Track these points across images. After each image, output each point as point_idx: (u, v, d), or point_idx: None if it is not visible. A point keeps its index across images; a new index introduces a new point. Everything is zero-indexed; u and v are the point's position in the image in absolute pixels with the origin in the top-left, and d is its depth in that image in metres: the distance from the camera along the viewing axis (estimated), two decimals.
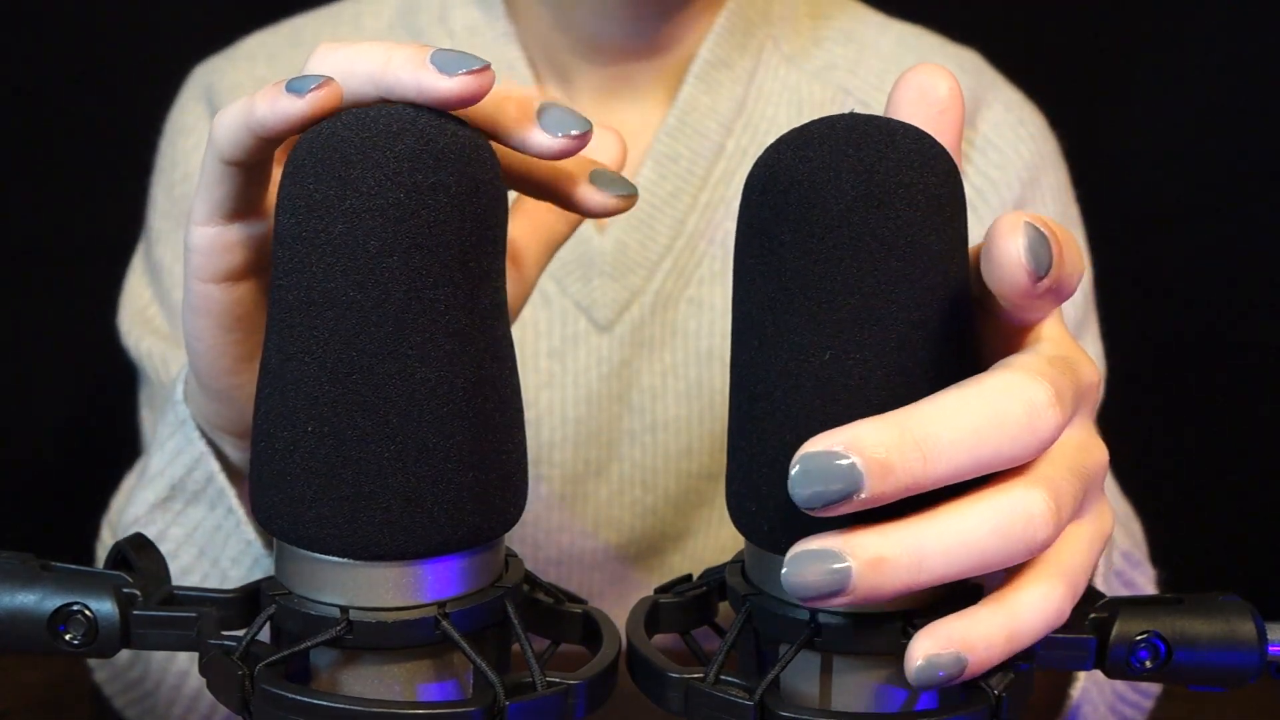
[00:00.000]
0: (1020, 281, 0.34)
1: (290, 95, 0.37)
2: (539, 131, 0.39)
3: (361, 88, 0.38)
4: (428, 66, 0.37)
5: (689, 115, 0.70)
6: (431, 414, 0.36)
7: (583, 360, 0.68)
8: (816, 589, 0.34)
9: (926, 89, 0.40)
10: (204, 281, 0.43)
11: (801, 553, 0.34)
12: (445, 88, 0.37)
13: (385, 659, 0.38)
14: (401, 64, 0.38)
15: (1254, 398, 1.12)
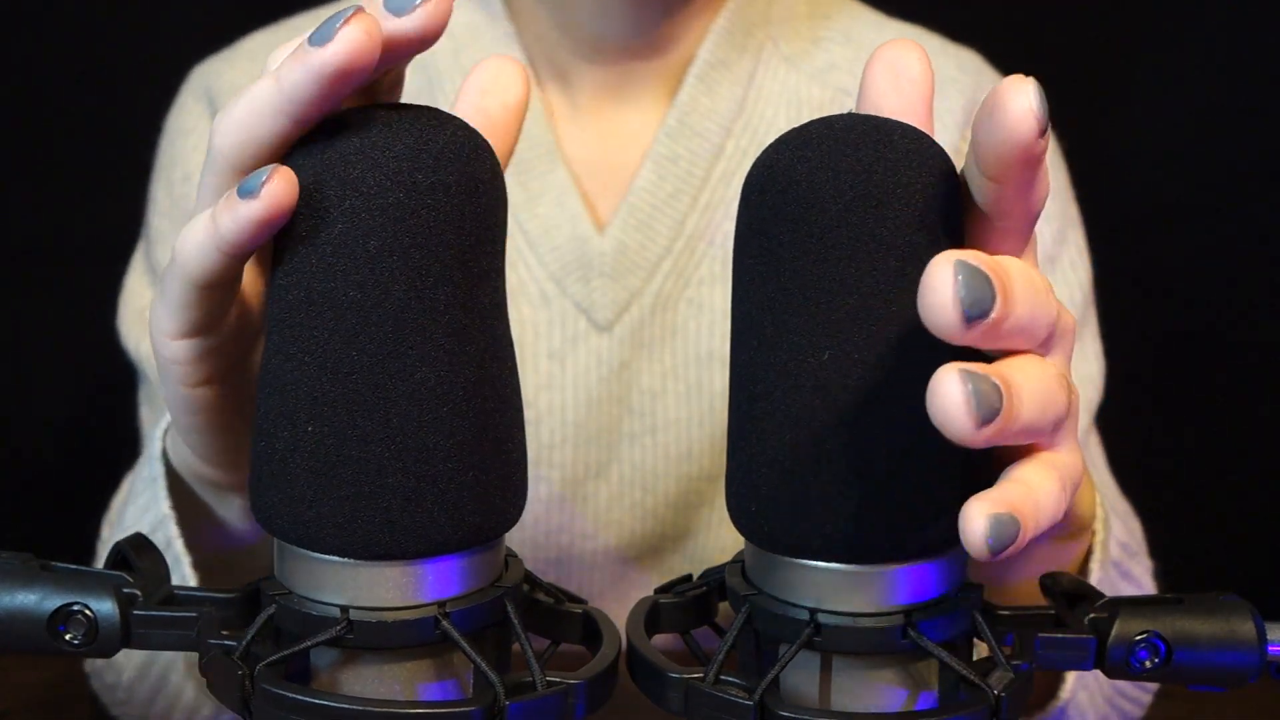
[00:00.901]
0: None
1: (246, 200, 0.36)
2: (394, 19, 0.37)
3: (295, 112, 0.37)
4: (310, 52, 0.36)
5: (689, 116, 0.70)
6: (432, 414, 0.37)
7: (582, 361, 0.68)
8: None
9: (899, 65, 0.39)
10: (189, 387, 0.42)
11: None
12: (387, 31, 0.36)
13: (385, 659, 0.38)
14: (290, 70, 0.36)
15: (1254, 398, 1.12)
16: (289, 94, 0.36)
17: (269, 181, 0.36)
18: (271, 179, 0.36)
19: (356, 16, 0.35)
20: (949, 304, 0.31)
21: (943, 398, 0.31)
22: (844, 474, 0.37)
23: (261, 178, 0.36)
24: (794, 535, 0.38)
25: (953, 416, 0.31)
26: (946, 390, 0.31)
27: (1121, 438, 0.76)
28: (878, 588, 0.38)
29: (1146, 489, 0.73)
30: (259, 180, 0.36)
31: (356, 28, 0.35)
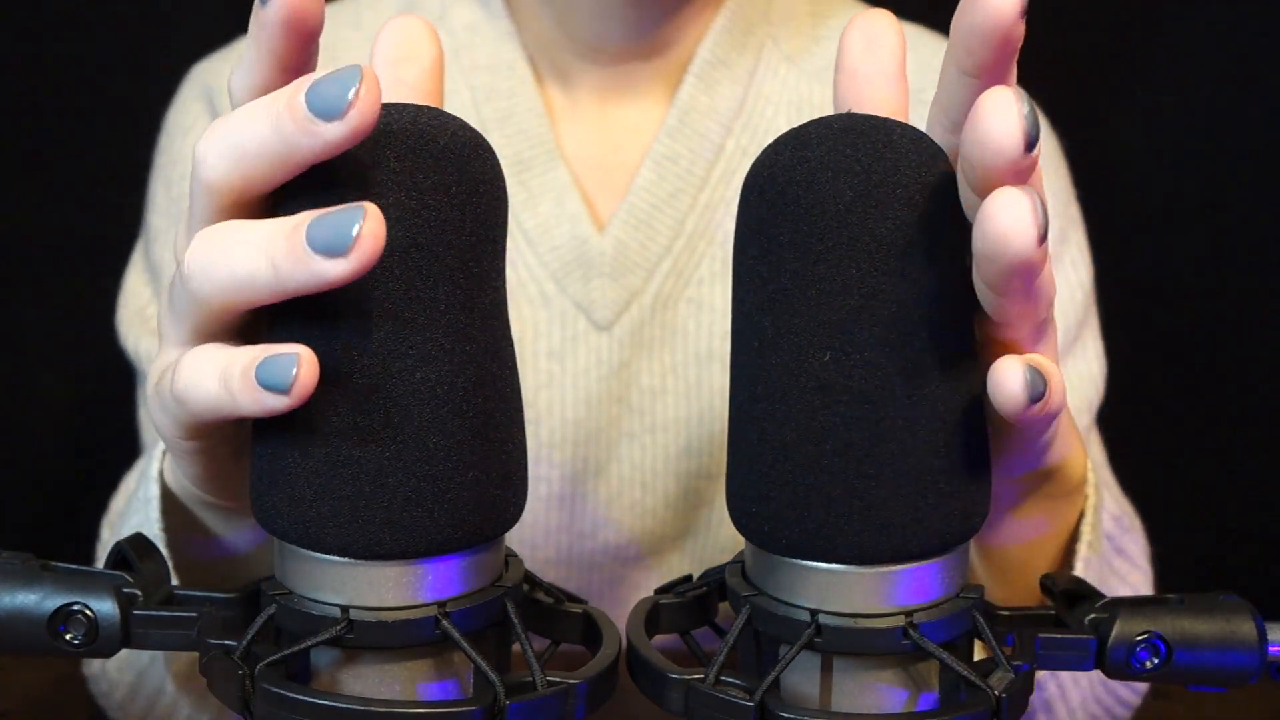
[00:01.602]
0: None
1: (269, 393, 0.35)
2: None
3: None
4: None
5: (689, 115, 0.70)
6: (432, 413, 0.37)
7: (582, 361, 0.68)
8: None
9: (873, 32, 0.41)
10: (190, 448, 0.42)
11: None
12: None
13: (386, 658, 0.38)
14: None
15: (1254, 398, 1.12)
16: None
17: (300, 376, 0.35)
18: (301, 375, 0.35)
19: (366, 85, 0.35)
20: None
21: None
22: (845, 474, 0.37)
23: (289, 376, 0.35)
24: (794, 536, 0.38)
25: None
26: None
27: (1122, 438, 0.76)
28: (878, 588, 0.38)
29: (1146, 489, 0.73)
30: (287, 379, 0.35)
31: (368, 99, 0.35)
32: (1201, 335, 1.10)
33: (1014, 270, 0.35)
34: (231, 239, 0.36)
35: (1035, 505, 0.48)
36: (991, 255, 0.34)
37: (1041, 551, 0.51)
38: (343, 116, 0.34)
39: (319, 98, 0.34)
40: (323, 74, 0.35)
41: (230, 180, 0.37)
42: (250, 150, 0.36)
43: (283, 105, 0.35)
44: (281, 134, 0.35)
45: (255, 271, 0.36)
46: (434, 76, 0.43)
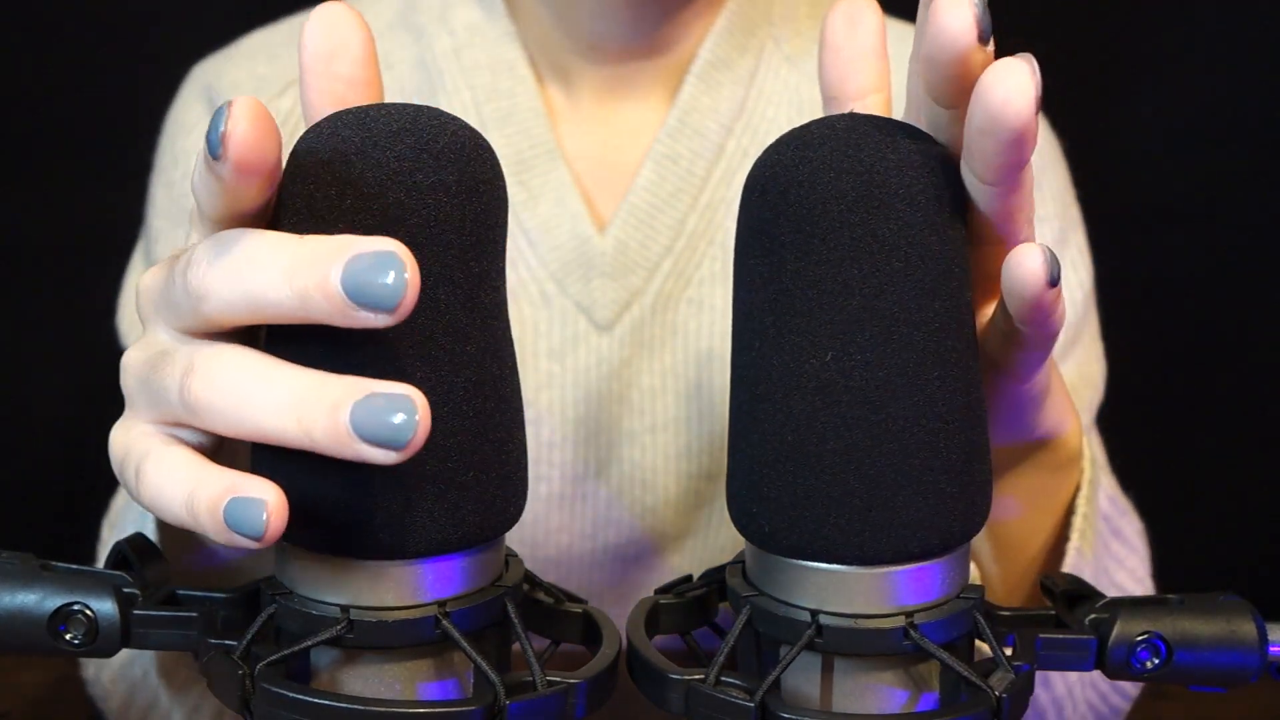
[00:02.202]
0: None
1: (238, 536, 0.35)
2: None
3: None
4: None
5: (689, 116, 0.70)
6: (432, 414, 0.36)
7: (582, 360, 0.68)
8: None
9: (855, 16, 0.43)
10: None
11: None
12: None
13: (386, 658, 0.38)
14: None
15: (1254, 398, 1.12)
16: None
17: (271, 526, 0.35)
18: (270, 523, 0.35)
19: None
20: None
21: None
22: (845, 475, 0.37)
23: (260, 518, 0.35)
24: (795, 536, 0.38)
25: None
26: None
27: (1121, 437, 0.76)
28: (879, 589, 0.38)
29: (1146, 489, 0.73)
30: (252, 525, 0.35)
31: None
32: (1201, 335, 1.11)
33: (1014, 140, 0.35)
34: (251, 388, 0.36)
35: (1033, 476, 0.48)
36: (990, 127, 0.35)
37: (1039, 525, 0.51)
38: (392, 312, 0.33)
39: (361, 293, 0.34)
40: (358, 253, 0.33)
41: (233, 322, 0.37)
42: (267, 308, 0.35)
43: (312, 286, 0.34)
44: (308, 306, 0.34)
45: (282, 430, 0.35)
46: (368, 64, 0.41)
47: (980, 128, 0.35)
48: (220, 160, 0.35)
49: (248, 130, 0.34)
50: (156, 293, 0.39)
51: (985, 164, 0.36)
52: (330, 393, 0.34)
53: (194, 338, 0.38)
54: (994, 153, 0.36)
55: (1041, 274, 0.37)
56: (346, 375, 0.35)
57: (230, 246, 0.36)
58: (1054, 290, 0.37)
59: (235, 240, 0.36)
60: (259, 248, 0.35)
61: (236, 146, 0.34)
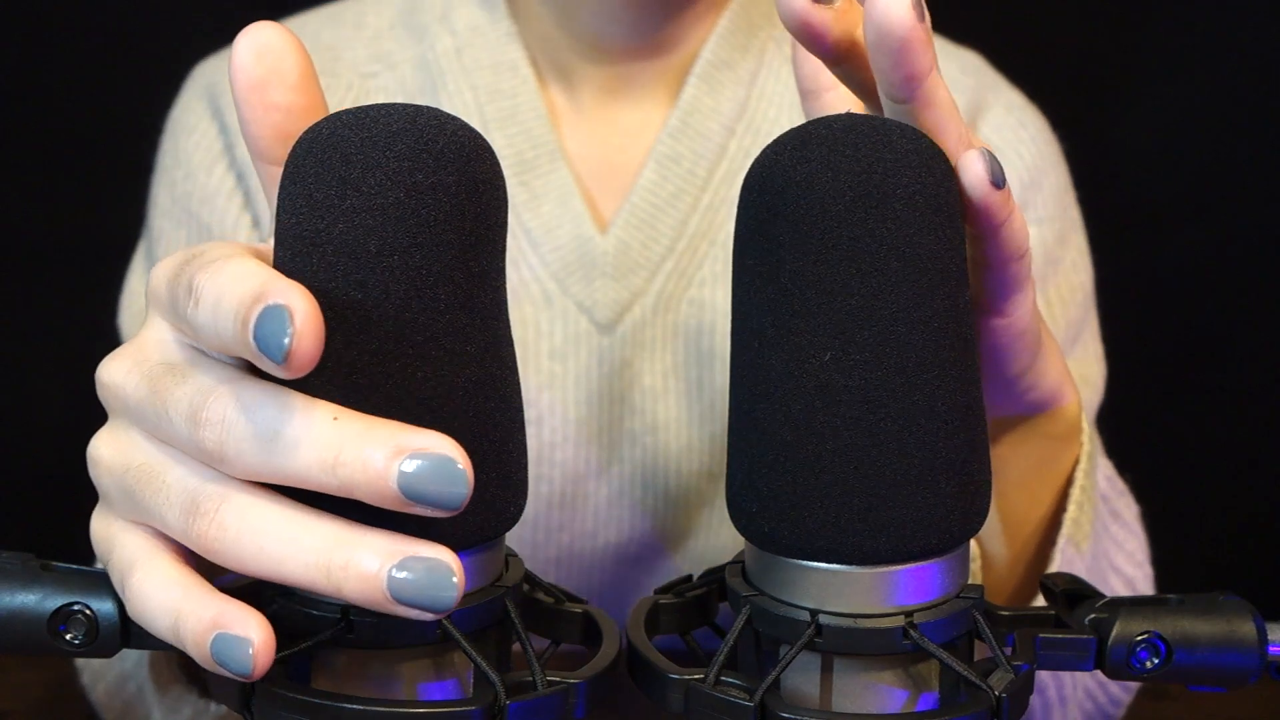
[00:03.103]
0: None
1: (231, 672, 0.34)
2: None
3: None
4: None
5: (691, 116, 0.70)
6: (432, 413, 0.36)
7: (584, 361, 0.68)
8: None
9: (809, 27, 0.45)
10: None
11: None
12: None
13: (386, 658, 0.38)
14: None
15: (1254, 398, 1.12)
16: None
17: (256, 663, 0.34)
18: (257, 660, 0.34)
19: None
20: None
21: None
22: (845, 475, 0.37)
23: (246, 655, 0.34)
24: (795, 536, 0.38)
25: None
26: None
27: (1121, 437, 0.76)
28: (879, 589, 0.38)
29: (1146, 488, 0.73)
30: (239, 663, 0.34)
31: None
32: (1201, 335, 1.11)
33: (902, 47, 0.37)
34: (277, 546, 0.35)
35: (1033, 444, 0.49)
36: (878, 40, 0.37)
37: (1040, 496, 0.51)
38: (452, 511, 0.34)
39: (417, 495, 0.34)
40: (412, 463, 0.33)
41: (252, 477, 0.36)
42: (296, 479, 0.35)
43: (362, 481, 0.34)
44: (350, 489, 0.34)
45: (311, 582, 0.35)
46: (306, 89, 0.38)
47: (874, 45, 0.37)
48: (279, 365, 0.33)
49: (314, 340, 0.33)
50: (135, 406, 0.37)
51: (889, 81, 0.38)
52: (364, 557, 0.34)
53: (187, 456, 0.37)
54: (892, 66, 0.38)
55: (984, 174, 0.38)
56: (379, 530, 0.35)
57: (256, 415, 0.35)
58: (1000, 192, 0.39)
59: (259, 407, 0.35)
60: (293, 423, 0.34)
61: (301, 360, 0.33)
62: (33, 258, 1.06)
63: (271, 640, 0.34)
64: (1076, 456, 0.52)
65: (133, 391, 0.38)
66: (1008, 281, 0.42)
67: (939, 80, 0.39)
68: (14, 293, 1.06)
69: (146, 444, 0.38)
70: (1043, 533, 0.53)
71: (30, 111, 1.05)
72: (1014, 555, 0.53)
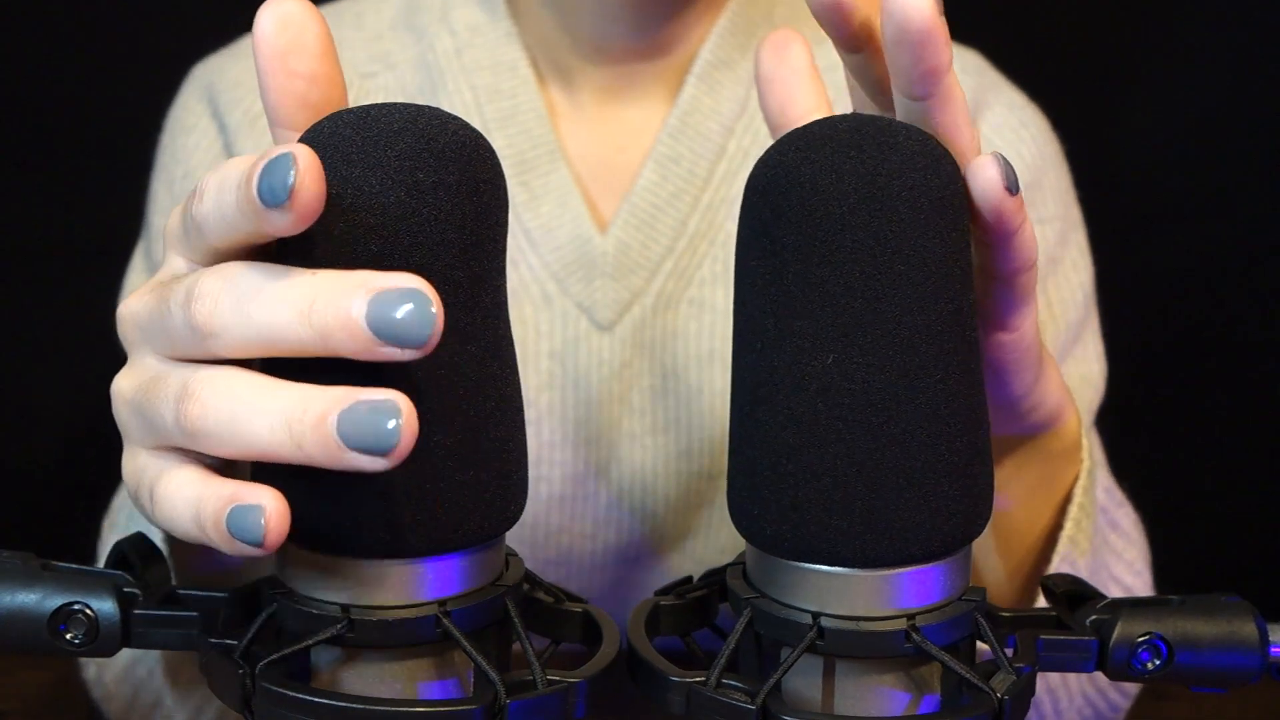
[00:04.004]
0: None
1: (242, 544, 0.35)
2: None
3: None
4: None
5: (691, 116, 0.70)
6: (432, 413, 0.36)
7: (584, 361, 0.68)
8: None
9: (780, 45, 0.46)
10: None
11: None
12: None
13: (386, 657, 0.38)
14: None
15: (1254, 397, 1.12)
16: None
17: (270, 533, 0.35)
18: (270, 528, 0.35)
19: None
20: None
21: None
22: (847, 477, 0.37)
23: (259, 525, 0.35)
24: (796, 538, 0.38)
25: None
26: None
27: (1121, 437, 0.76)
28: (881, 591, 0.38)
29: (1146, 489, 0.73)
30: (257, 535, 0.35)
31: None
32: (1201, 335, 1.10)
33: (921, 41, 0.37)
34: (246, 409, 0.35)
35: (1034, 462, 0.49)
36: (898, 36, 0.37)
37: (1039, 514, 0.51)
38: (421, 347, 0.34)
39: (388, 331, 0.34)
40: (383, 289, 0.34)
41: (243, 355, 0.36)
42: (284, 344, 0.35)
43: (334, 323, 0.34)
44: (329, 343, 0.35)
45: (277, 447, 0.35)
46: (327, 59, 0.40)
47: (893, 40, 0.37)
48: (283, 209, 0.34)
49: (315, 179, 0.34)
50: (145, 320, 0.39)
51: (908, 77, 0.38)
52: (317, 404, 0.34)
53: (186, 362, 0.38)
54: (911, 62, 0.38)
55: (999, 179, 0.38)
56: (336, 385, 0.35)
57: (241, 283, 0.36)
58: (1014, 199, 0.38)
59: (245, 276, 0.36)
60: (273, 284, 0.35)
61: (306, 199, 0.34)
62: (33, 258, 1.06)
63: (285, 511, 0.35)
64: (1076, 473, 0.52)
65: (142, 309, 0.39)
66: (1015, 294, 0.41)
67: (955, 78, 0.39)
68: (14, 293, 1.06)
69: (156, 362, 0.39)
70: (1040, 549, 0.53)
71: (30, 111, 1.04)
72: (1010, 570, 0.53)
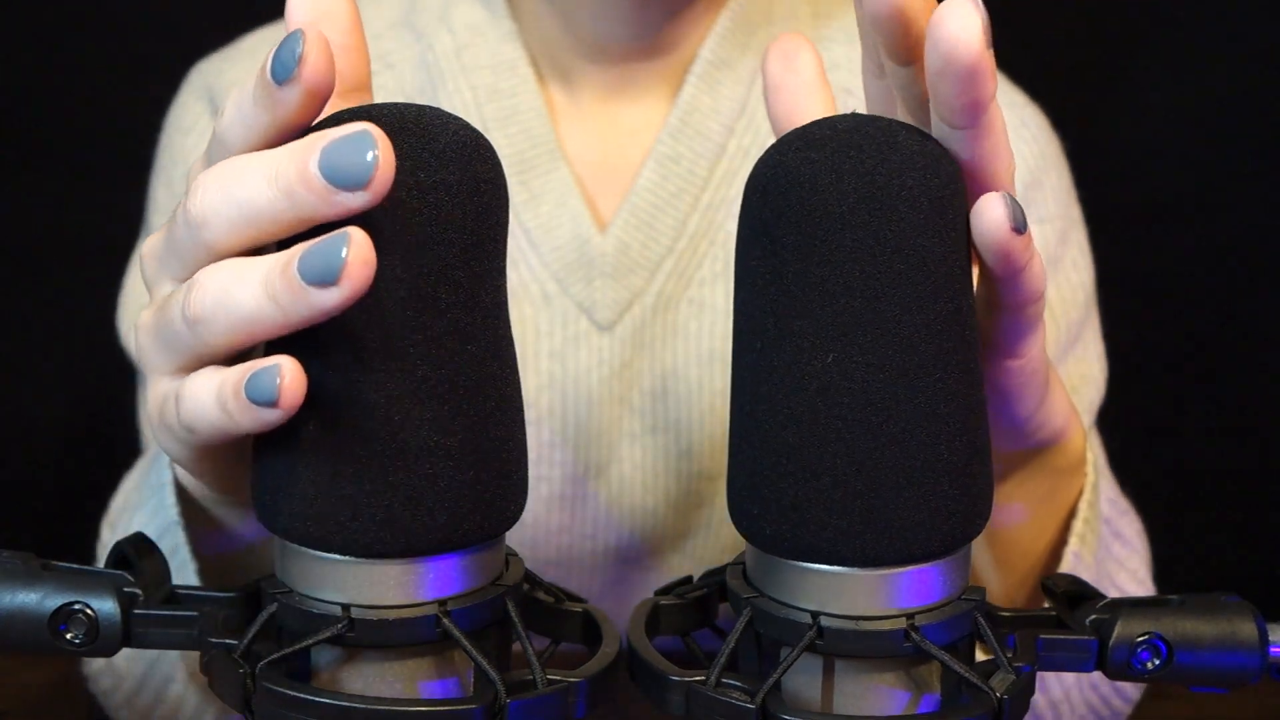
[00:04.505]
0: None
1: (261, 408, 0.35)
2: None
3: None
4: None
5: (691, 115, 0.70)
6: (433, 412, 0.36)
7: (583, 361, 0.68)
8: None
9: (789, 53, 0.45)
10: (199, 467, 0.42)
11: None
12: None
13: (386, 657, 0.38)
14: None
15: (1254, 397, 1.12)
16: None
17: (287, 389, 0.35)
18: (285, 385, 0.35)
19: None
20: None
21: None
22: (847, 477, 0.37)
23: (275, 383, 0.35)
24: (796, 538, 0.38)
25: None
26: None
27: (1122, 437, 0.76)
28: (880, 591, 0.38)
29: (1146, 489, 0.73)
30: (270, 394, 0.35)
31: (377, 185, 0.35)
32: (1202, 334, 1.11)
33: (967, 75, 0.36)
34: (232, 281, 0.36)
35: (1039, 479, 0.49)
36: (944, 67, 0.36)
37: (1043, 530, 0.51)
38: (367, 187, 0.34)
39: (337, 175, 0.35)
40: (332, 139, 0.35)
41: (234, 243, 0.37)
42: (263, 218, 0.36)
43: (294, 178, 0.35)
44: (295, 203, 0.35)
45: (260, 310, 0.36)
46: (354, 31, 0.42)
47: (937, 70, 0.36)
48: (291, 83, 0.35)
49: (322, 52, 0.35)
50: (160, 247, 0.40)
51: (950, 107, 0.37)
52: (285, 255, 0.35)
53: None
54: (954, 93, 0.37)
55: (1005, 219, 0.37)
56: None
57: (221, 167, 0.37)
58: (1021, 237, 0.38)
59: (226, 161, 0.37)
60: (246, 161, 0.36)
61: (314, 68, 0.35)
62: (33, 258, 1.06)
63: (301, 375, 0.35)
64: (1081, 487, 0.52)
65: (156, 239, 0.40)
66: (1023, 324, 0.41)
67: (998, 107, 0.38)
68: (14, 293, 1.06)
69: (171, 286, 0.40)
70: (1044, 565, 0.53)
71: (30, 112, 1.04)
72: (1012, 584, 0.53)
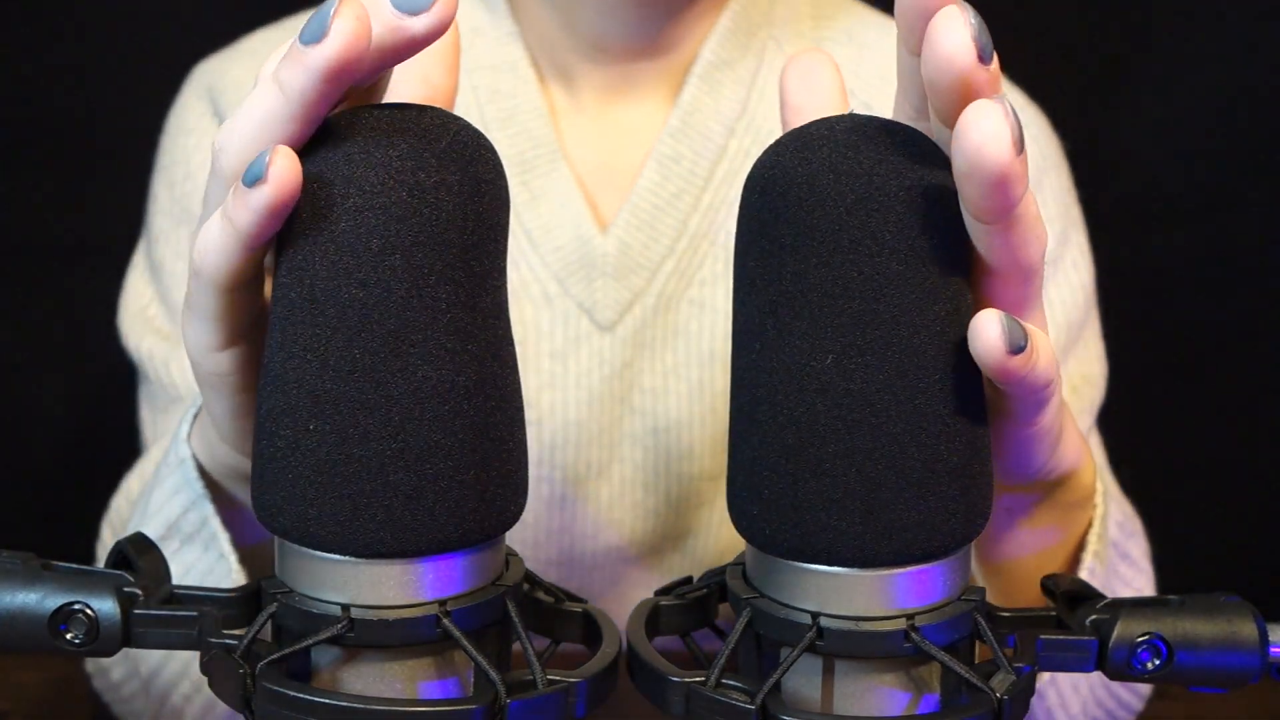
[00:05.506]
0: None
1: (255, 188, 0.36)
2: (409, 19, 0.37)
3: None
4: None
5: (692, 116, 0.70)
6: (433, 412, 0.37)
7: (584, 361, 0.68)
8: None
9: (809, 72, 0.45)
10: (238, 395, 0.42)
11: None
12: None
13: (386, 657, 0.38)
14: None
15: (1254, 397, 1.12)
16: (293, 98, 0.36)
17: (273, 163, 0.36)
18: (274, 160, 0.36)
19: (344, 8, 0.35)
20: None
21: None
22: (846, 478, 0.37)
23: (264, 161, 0.36)
24: (796, 539, 0.38)
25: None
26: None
27: (1121, 437, 0.76)
28: (880, 591, 0.38)
29: (1147, 489, 0.73)
30: (262, 164, 0.36)
31: (347, 19, 0.35)
32: (1202, 334, 1.10)
33: (996, 182, 0.35)
34: (242, 110, 0.38)
35: (1048, 515, 0.48)
36: (970, 171, 0.35)
37: (1050, 562, 0.51)
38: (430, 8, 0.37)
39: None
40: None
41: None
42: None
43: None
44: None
45: (272, 106, 0.37)
46: (450, 57, 0.47)
47: (964, 173, 0.35)
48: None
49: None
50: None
51: (976, 205, 0.36)
52: None
53: None
54: (981, 195, 0.36)
55: (1000, 344, 0.36)
56: None
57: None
58: (1019, 356, 0.37)
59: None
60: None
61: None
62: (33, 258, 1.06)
63: (290, 152, 0.36)
64: (1090, 519, 0.52)
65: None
66: (1033, 407, 0.40)
67: (1030, 198, 0.37)
68: (14, 293, 1.06)
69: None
70: None
71: (31, 112, 1.04)
72: None
